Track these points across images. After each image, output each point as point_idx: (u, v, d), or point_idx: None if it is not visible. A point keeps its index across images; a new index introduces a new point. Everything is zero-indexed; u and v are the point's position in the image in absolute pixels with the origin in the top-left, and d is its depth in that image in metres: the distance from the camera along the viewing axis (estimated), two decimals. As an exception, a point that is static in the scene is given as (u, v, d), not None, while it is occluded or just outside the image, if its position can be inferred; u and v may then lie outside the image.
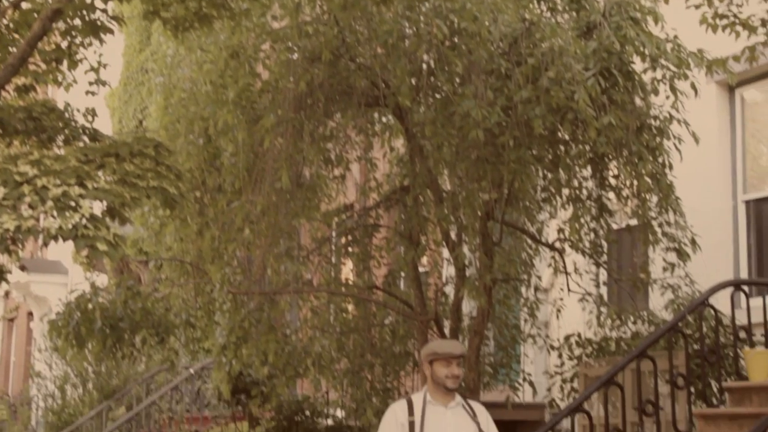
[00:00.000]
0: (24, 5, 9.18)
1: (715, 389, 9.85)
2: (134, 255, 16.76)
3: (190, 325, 11.22)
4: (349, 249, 11.08)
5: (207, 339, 11.19)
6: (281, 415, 12.10)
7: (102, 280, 21.43)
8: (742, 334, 9.92)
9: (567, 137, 9.58)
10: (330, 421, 12.55)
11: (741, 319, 9.93)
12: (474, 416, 6.39)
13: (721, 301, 9.92)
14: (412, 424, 6.27)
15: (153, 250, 11.79)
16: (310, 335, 10.78)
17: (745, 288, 10.09)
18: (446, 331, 10.31)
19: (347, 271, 11.74)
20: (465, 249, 10.05)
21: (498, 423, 7.71)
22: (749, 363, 9.52)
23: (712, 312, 9.83)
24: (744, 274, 11.80)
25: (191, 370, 16.63)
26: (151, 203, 10.17)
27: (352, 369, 10.65)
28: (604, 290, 12.12)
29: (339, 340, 10.60)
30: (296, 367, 10.55)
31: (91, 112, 9.81)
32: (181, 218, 10.55)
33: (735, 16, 9.10)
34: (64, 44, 9.61)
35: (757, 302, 10.05)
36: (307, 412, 12.26)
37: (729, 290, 9.95)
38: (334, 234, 11.55)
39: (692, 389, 9.63)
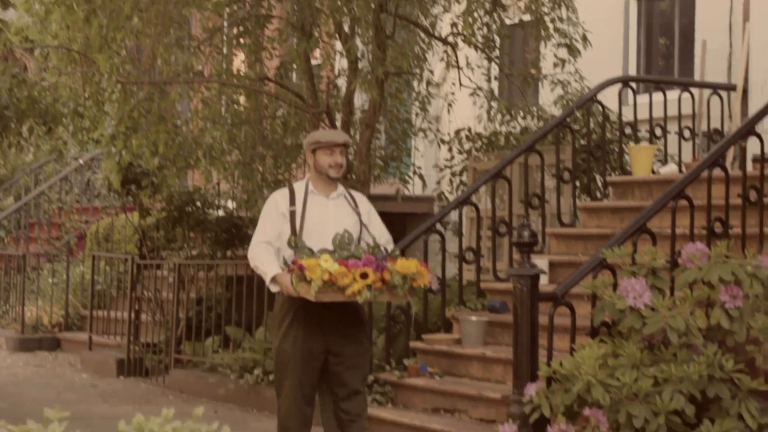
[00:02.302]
0: None
1: (599, 183, 10.11)
2: (19, 42, 16.29)
3: (79, 115, 11.05)
4: (241, 40, 10.91)
5: (96, 129, 11.03)
6: (172, 206, 12.08)
7: (-14, 68, 20.87)
8: (628, 130, 10.13)
9: (463, -71, 9.45)
10: (221, 212, 12.60)
11: (627, 115, 10.12)
12: (356, 207, 6.41)
13: (609, 98, 10.08)
14: (293, 214, 6.25)
15: (38, 38, 11.45)
16: (201, 126, 10.71)
17: (633, 85, 10.25)
18: (338, 123, 10.33)
19: (239, 62, 11.59)
20: (358, 41, 9.98)
21: (387, 215, 7.83)
22: (633, 158, 9.76)
23: (600, 108, 10.01)
24: (633, 71, 11.96)
25: (80, 161, 16.49)
26: (35, -12, 9.84)
27: (244, 161, 10.65)
28: (495, 85, 12.20)
29: (230, 132, 10.55)
30: (187, 158, 10.51)
31: None
32: (67, 5, 10.23)
33: None
34: None
35: (643, 99, 10.24)
36: (198, 203, 12.26)
37: (617, 86, 10.10)
38: (225, 24, 11.34)
39: (577, 183, 9.86)
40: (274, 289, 6.22)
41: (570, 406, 6.46)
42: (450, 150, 11.93)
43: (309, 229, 6.18)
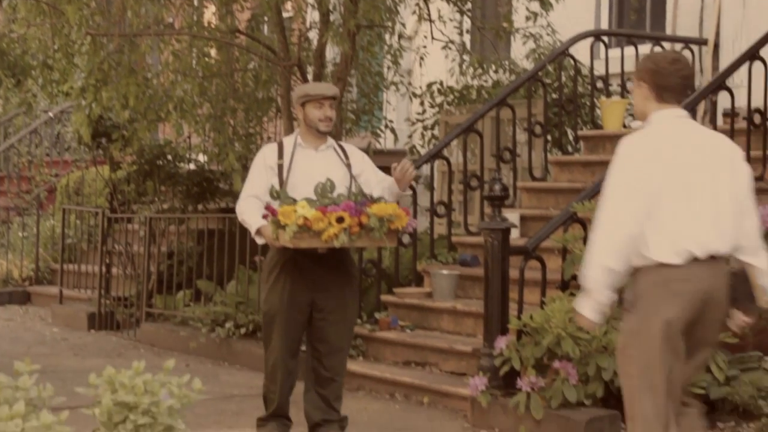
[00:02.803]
0: None
1: (570, 137, 10.12)
2: (-13, -6, 16.11)
3: (48, 67, 10.94)
4: (212, -8, 10.84)
5: (65, 82, 10.93)
6: (143, 159, 12.02)
7: (-47, 19, 20.64)
8: (600, 84, 10.14)
9: None
10: (192, 166, 12.55)
11: (599, 69, 10.13)
12: (346, 159, 6.38)
13: (581, 52, 10.08)
14: (280, 167, 6.24)
15: (6, -11, 11.33)
16: (171, 79, 10.62)
17: (605, 39, 10.25)
18: (309, 77, 10.28)
19: (209, 14, 11.50)
20: (329, -6, 9.92)
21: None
22: (605, 112, 9.78)
23: (572, 62, 10.01)
24: (605, 25, 11.95)
25: (50, 114, 16.35)
26: (3, -62, 9.71)
27: (215, 114, 10.59)
28: (467, 38, 12.17)
29: (201, 85, 10.48)
30: (157, 111, 10.44)
31: None
32: (35, -45, 10.13)
33: None
34: None
35: (615, 53, 10.24)
36: (169, 157, 12.19)
37: (589, 40, 10.11)
38: (196, -24, 11.24)
39: (549, 137, 9.88)
40: (259, 241, 6.23)
41: (540, 359, 6.51)
42: (422, 104, 11.91)
43: (296, 181, 6.16)
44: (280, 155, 6.28)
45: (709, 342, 4.61)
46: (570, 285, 6.96)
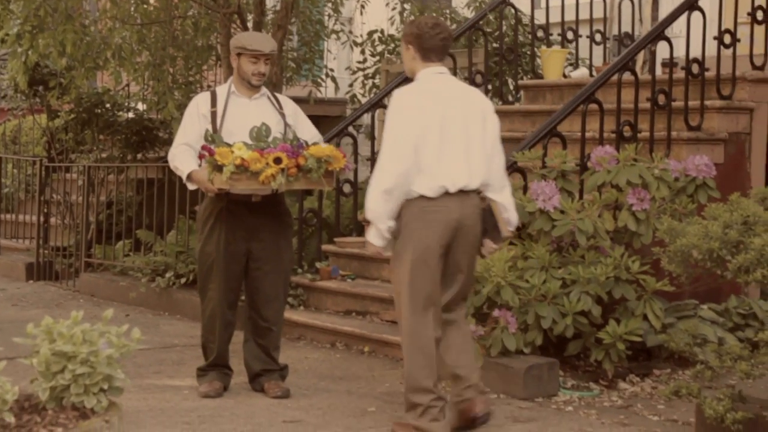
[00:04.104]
0: None
1: (511, 87, 10.14)
2: None
3: (-17, 14, 10.76)
4: (150, -63, 10.68)
5: (1, 28, 10.75)
6: (81, 107, 11.89)
7: None
8: (540, 34, 10.15)
9: None
10: (131, 114, 12.43)
11: (540, 18, 10.13)
12: (280, 108, 6.39)
13: (522, 0, 10.07)
14: (214, 115, 6.23)
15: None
16: (109, 26, 10.48)
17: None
18: (249, 25, 10.19)
19: (148, -40, 11.34)
20: (270, -60, 9.83)
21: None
22: (545, 62, 9.80)
23: (513, 11, 10.00)
24: (545, -25, 11.93)
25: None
26: None
27: (154, 62, 10.47)
28: (408, -13, 12.10)
29: (140, 32, 10.34)
30: (95, 58, 10.30)
31: None
32: None
33: None
34: None
35: (556, 2, 10.24)
36: (108, 105, 12.08)
37: (530, -11, 10.09)
38: None
39: (489, 86, 9.88)
40: (191, 186, 6.23)
41: (480, 308, 6.55)
42: (363, 52, 11.87)
43: (230, 129, 6.16)
44: (213, 103, 6.28)
45: (466, 263, 5.41)
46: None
